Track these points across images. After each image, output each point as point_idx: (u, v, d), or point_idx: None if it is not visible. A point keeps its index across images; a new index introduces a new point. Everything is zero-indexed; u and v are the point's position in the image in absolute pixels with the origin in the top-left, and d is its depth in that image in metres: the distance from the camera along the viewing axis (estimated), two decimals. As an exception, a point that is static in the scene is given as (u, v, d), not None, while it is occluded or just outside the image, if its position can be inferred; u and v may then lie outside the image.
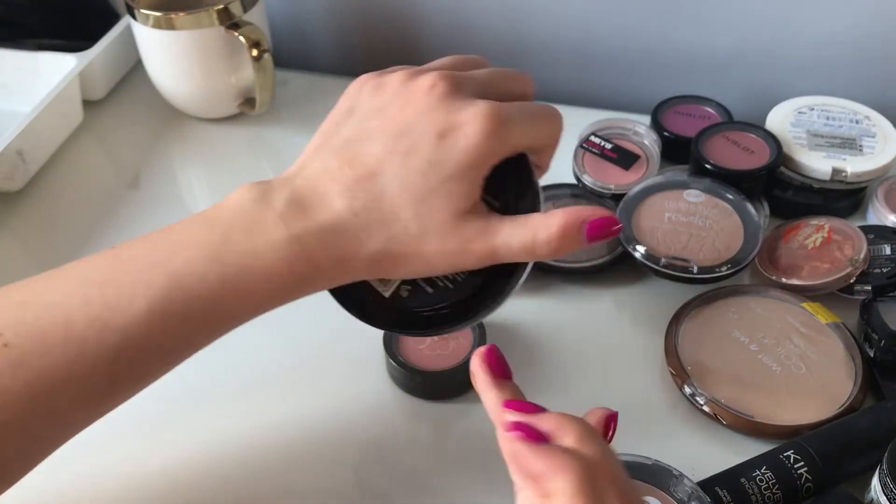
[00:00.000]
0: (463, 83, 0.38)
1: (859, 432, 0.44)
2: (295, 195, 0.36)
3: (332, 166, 0.36)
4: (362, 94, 0.39)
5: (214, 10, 0.63)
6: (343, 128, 0.38)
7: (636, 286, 0.56)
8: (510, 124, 0.36)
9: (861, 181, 0.58)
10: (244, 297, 0.35)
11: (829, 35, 0.67)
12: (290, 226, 0.35)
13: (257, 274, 0.35)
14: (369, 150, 0.36)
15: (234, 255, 0.35)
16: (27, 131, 0.62)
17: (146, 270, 0.35)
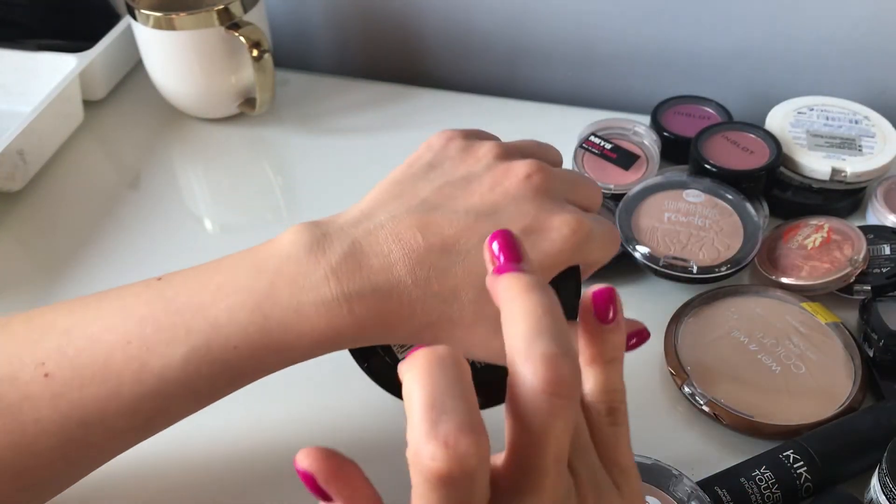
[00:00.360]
0: (556, 181, 0.37)
1: (859, 432, 0.44)
2: (353, 249, 0.34)
3: (402, 227, 0.34)
4: (447, 151, 0.38)
5: (214, 11, 0.63)
6: (422, 184, 0.36)
7: (636, 286, 0.56)
8: (590, 241, 0.35)
9: (860, 181, 0.58)
10: (282, 351, 0.34)
11: (829, 35, 0.67)
12: (342, 283, 0.33)
13: (298, 330, 0.33)
14: (448, 222, 0.34)
15: (278, 308, 0.33)
16: (27, 131, 0.62)
17: (188, 313, 0.34)
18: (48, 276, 0.58)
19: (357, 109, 0.72)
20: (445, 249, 0.34)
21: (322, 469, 0.24)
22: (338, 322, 0.33)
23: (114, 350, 0.34)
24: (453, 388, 0.23)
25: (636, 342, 0.36)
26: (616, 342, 0.28)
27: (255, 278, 0.34)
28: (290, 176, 0.68)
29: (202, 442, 0.47)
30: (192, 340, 0.34)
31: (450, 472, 0.22)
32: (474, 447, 0.22)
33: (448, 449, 0.22)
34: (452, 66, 0.78)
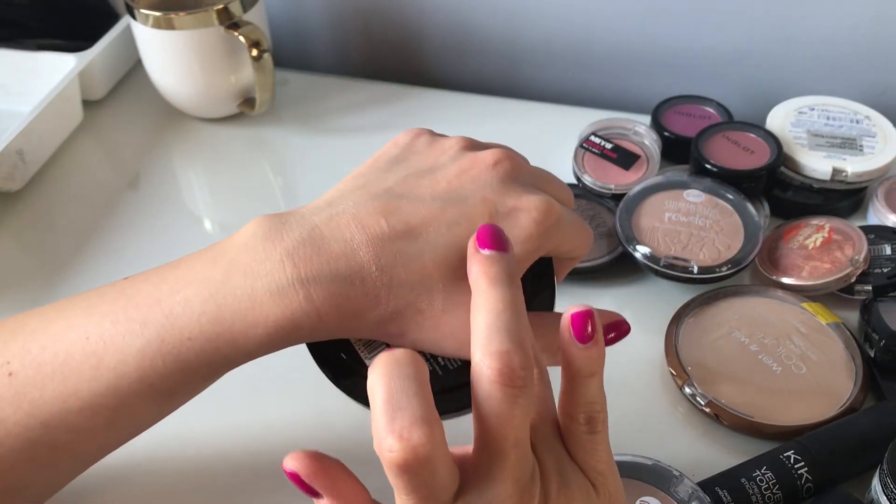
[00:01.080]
0: (523, 169, 0.36)
1: (860, 432, 0.44)
2: (312, 234, 0.33)
3: (365, 213, 0.33)
4: (415, 145, 0.37)
5: (214, 10, 0.63)
6: (387, 175, 0.35)
7: (636, 286, 0.55)
8: (560, 225, 0.35)
9: (861, 181, 0.57)
10: (237, 341, 0.33)
11: (830, 35, 0.67)
12: (299, 268, 0.32)
13: (252, 318, 0.32)
14: (413, 209, 0.33)
15: (232, 297, 0.32)
16: (27, 131, 0.62)
17: (144, 307, 0.33)
18: (48, 276, 0.58)
19: (357, 109, 0.72)
20: (412, 235, 0.33)
21: (305, 467, 0.27)
22: (294, 309, 0.32)
23: (73, 347, 0.34)
24: (408, 387, 0.25)
25: (615, 336, 0.36)
26: (595, 357, 0.29)
27: (211, 269, 0.33)
28: (290, 176, 0.68)
29: (197, 443, 0.47)
30: (147, 333, 0.33)
31: (405, 461, 0.24)
32: (426, 437, 0.24)
33: (402, 441, 0.24)
34: (452, 66, 0.78)
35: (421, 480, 0.25)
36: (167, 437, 0.47)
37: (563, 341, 0.29)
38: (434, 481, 0.25)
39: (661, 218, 0.55)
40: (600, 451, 0.30)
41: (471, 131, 0.70)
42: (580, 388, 0.29)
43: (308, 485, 0.27)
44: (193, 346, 0.33)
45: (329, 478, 0.27)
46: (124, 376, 0.33)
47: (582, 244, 0.38)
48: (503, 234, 0.30)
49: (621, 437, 0.46)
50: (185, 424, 0.49)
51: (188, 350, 0.33)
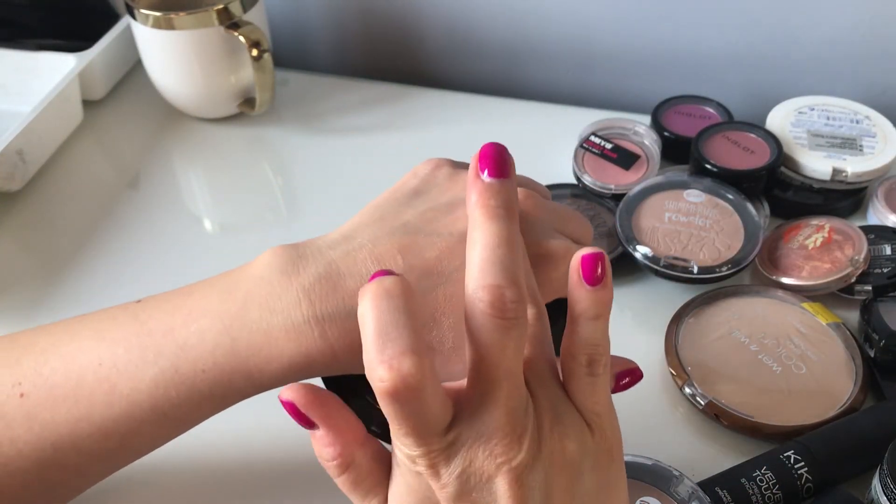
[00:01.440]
0: (545, 211, 0.36)
1: (860, 432, 0.44)
2: (329, 269, 0.33)
3: (382, 248, 0.33)
4: (435, 178, 0.36)
5: (214, 10, 0.63)
6: (405, 210, 0.35)
7: (636, 286, 0.55)
8: None
9: (861, 181, 0.57)
10: (252, 375, 0.33)
11: (830, 35, 0.67)
12: (315, 305, 0.32)
13: (267, 354, 0.32)
14: (429, 244, 0.33)
15: (247, 331, 0.33)
16: (27, 131, 0.62)
17: (158, 335, 0.34)
18: (48, 276, 0.58)
19: (357, 109, 0.72)
20: (426, 272, 0.33)
21: (300, 396, 0.28)
22: (308, 346, 0.32)
23: (85, 371, 0.34)
24: (398, 318, 0.25)
25: (629, 382, 0.35)
26: (603, 300, 0.29)
27: (226, 301, 0.33)
28: (290, 176, 0.68)
29: (198, 444, 0.47)
30: (161, 363, 0.33)
31: (395, 389, 0.25)
32: (416, 366, 0.25)
33: (392, 370, 0.24)
34: (452, 66, 0.78)
35: (412, 409, 0.25)
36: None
37: (571, 282, 0.29)
38: (425, 410, 0.26)
39: (661, 218, 0.55)
40: (599, 394, 0.30)
41: (471, 131, 0.70)
42: (584, 330, 0.29)
43: (303, 414, 0.28)
44: (207, 378, 0.33)
45: (324, 408, 0.28)
46: (137, 404, 0.33)
47: None
48: (507, 156, 0.30)
49: (621, 436, 0.46)
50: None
51: (202, 382, 0.33)
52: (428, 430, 0.26)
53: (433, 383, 0.25)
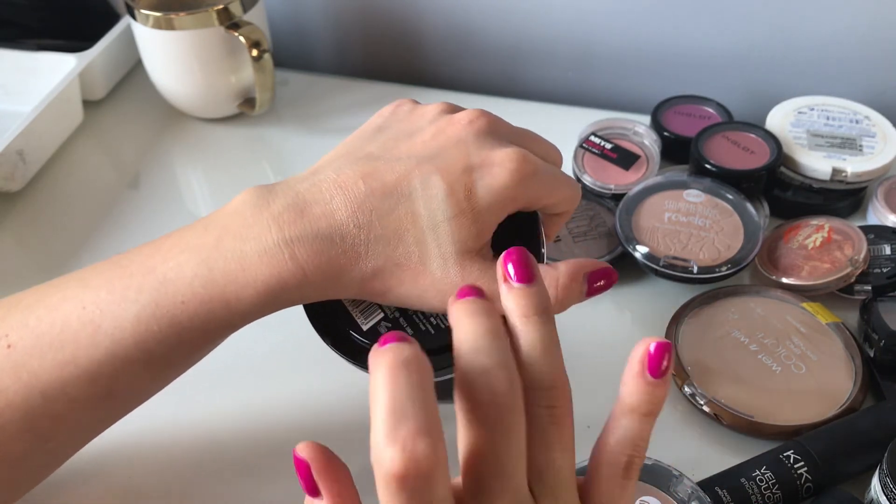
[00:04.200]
0: (501, 126, 0.37)
1: (859, 432, 0.44)
2: (297, 199, 0.35)
3: (346, 177, 0.35)
4: (396, 114, 0.39)
5: (214, 11, 0.63)
6: (369, 143, 0.37)
7: (636, 286, 0.56)
8: (538, 176, 0.35)
9: (861, 181, 0.58)
10: (230, 303, 0.34)
11: (829, 35, 0.67)
12: (284, 230, 0.34)
13: (243, 279, 0.34)
14: (389, 168, 0.35)
15: (223, 259, 0.34)
16: (27, 131, 0.62)
17: (139, 276, 0.35)
18: (48, 276, 0.57)
19: (357, 109, 0.72)
20: (386, 193, 0.34)
21: (317, 459, 0.26)
22: (280, 269, 0.34)
23: (69, 316, 0.35)
24: (415, 394, 0.23)
25: (604, 284, 0.36)
26: (660, 396, 0.28)
27: (202, 236, 0.35)
28: (289, 175, 0.67)
29: (195, 445, 0.47)
30: (143, 299, 0.34)
31: (406, 473, 0.23)
32: (430, 449, 0.23)
33: (405, 452, 0.22)
34: (452, 65, 0.78)
35: (419, 498, 0.23)
36: (161, 421, 0.48)
37: (630, 371, 0.28)
38: (432, 500, 0.24)
39: (660, 218, 0.55)
40: (627, 499, 0.28)
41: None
42: (633, 427, 0.28)
43: (313, 479, 0.26)
44: (187, 308, 0.34)
45: (337, 482, 0.26)
46: (121, 342, 0.34)
47: (566, 197, 0.38)
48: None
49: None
50: (178, 409, 0.49)
51: (182, 313, 0.34)
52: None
53: (444, 470, 0.24)
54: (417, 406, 0.23)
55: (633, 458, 0.28)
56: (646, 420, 0.28)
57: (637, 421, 0.28)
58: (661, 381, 0.27)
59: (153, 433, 0.47)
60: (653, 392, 0.27)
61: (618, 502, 0.28)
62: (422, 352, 0.25)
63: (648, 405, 0.28)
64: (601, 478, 0.28)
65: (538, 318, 0.27)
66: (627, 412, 0.28)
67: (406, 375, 0.24)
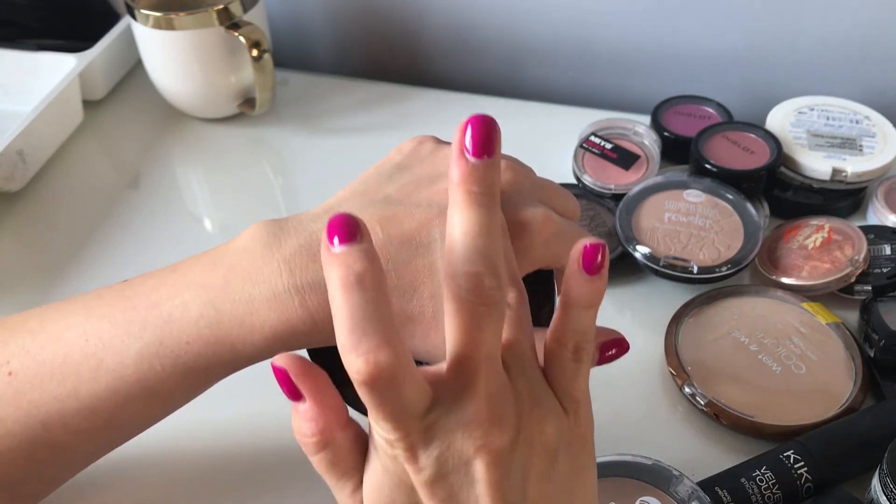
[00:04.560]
0: (528, 181, 0.36)
1: (859, 432, 0.44)
2: (310, 240, 0.33)
3: (363, 220, 0.34)
4: (418, 153, 0.37)
5: (214, 11, 0.63)
6: (388, 184, 0.35)
7: (636, 286, 0.56)
8: (559, 237, 0.35)
9: (861, 181, 0.58)
10: (235, 346, 0.33)
11: (830, 35, 0.67)
12: (295, 275, 0.32)
13: (250, 324, 0.33)
14: (409, 215, 0.33)
15: (230, 302, 0.33)
16: (27, 131, 0.62)
17: (143, 310, 0.34)
18: (48, 276, 0.58)
19: (357, 109, 0.72)
20: (405, 242, 0.33)
21: (293, 366, 0.27)
22: (290, 315, 0.32)
23: (72, 348, 0.34)
24: (370, 312, 0.25)
25: (616, 353, 0.35)
26: (598, 290, 0.29)
27: (210, 274, 0.34)
28: (290, 176, 0.68)
29: (195, 446, 0.47)
30: (146, 336, 0.33)
31: (372, 379, 0.25)
32: (391, 357, 0.25)
33: (368, 364, 0.25)
34: (452, 65, 0.78)
35: (388, 397, 0.25)
36: (160, 432, 0.47)
37: (569, 270, 0.29)
38: (402, 397, 0.25)
39: (660, 218, 0.55)
40: (580, 380, 0.30)
41: (471, 131, 0.69)
42: (576, 317, 0.29)
43: (293, 384, 0.27)
44: (191, 349, 0.33)
45: (315, 382, 0.27)
46: (123, 378, 0.33)
47: None
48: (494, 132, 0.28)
49: (621, 436, 0.46)
50: (176, 420, 0.49)
51: (186, 354, 0.33)
52: (405, 414, 0.26)
53: (409, 370, 0.26)
54: (376, 322, 0.25)
55: (580, 343, 0.29)
56: (588, 312, 0.29)
57: (580, 313, 0.29)
58: (598, 277, 0.29)
59: (152, 443, 0.47)
60: (591, 287, 0.29)
61: (572, 382, 0.30)
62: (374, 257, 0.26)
63: (588, 299, 0.29)
64: (554, 360, 0.30)
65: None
66: (571, 306, 0.29)
67: (360, 293, 0.25)
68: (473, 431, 0.27)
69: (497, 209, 0.28)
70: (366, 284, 0.25)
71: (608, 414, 0.48)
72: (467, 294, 0.27)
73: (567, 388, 0.30)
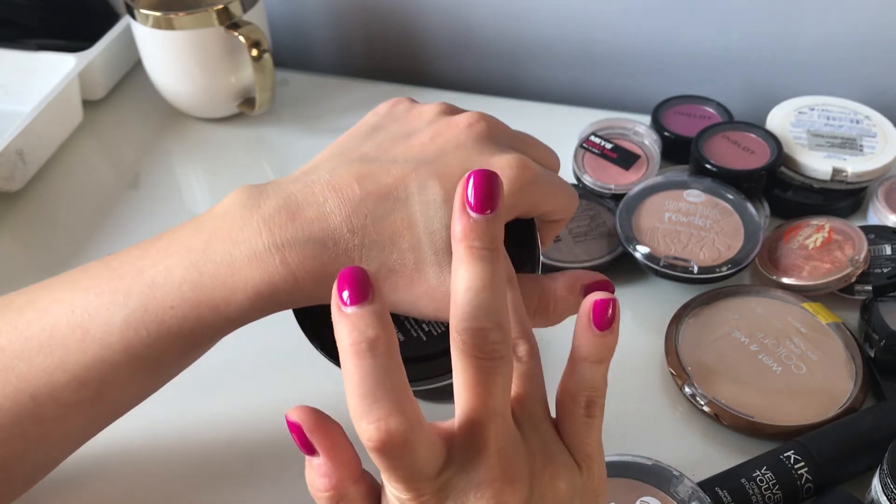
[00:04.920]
0: (500, 131, 0.36)
1: (860, 432, 0.44)
2: (288, 200, 0.34)
3: (340, 178, 0.34)
4: (393, 113, 0.38)
5: (214, 10, 0.63)
6: (364, 143, 0.36)
7: (636, 286, 0.55)
8: (537, 184, 0.35)
9: (861, 181, 0.57)
10: (219, 307, 0.33)
11: (830, 35, 0.67)
12: (275, 233, 0.33)
13: (232, 284, 0.33)
14: (385, 171, 0.34)
15: (212, 263, 0.33)
16: (27, 131, 0.62)
17: (127, 278, 0.34)
18: (47, 276, 0.58)
19: (357, 109, 0.72)
20: (382, 197, 0.33)
21: (308, 420, 0.27)
22: (271, 273, 0.33)
23: (59, 320, 0.34)
24: (383, 378, 0.25)
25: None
26: (609, 345, 0.30)
27: (192, 238, 0.34)
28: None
29: (193, 446, 0.47)
30: (131, 303, 0.33)
31: (384, 446, 0.25)
32: (403, 424, 0.25)
33: (380, 431, 0.25)
34: (453, 65, 0.78)
35: (401, 462, 0.25)
36: (152, 425, 0.48)
37: (579, 325, 0.30)
38: (414, 460, 0.26)
39: (661, 218, 0.55)
40: (593, 435, 0.30)
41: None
42: (587, 373, 0.30)
43: (307, 439, 0.27)
44: (176, 314, 0.33)
45: (329, 437, 0.27)
46: (109, 347, 0.34)
47: (564, 205, 0.37)
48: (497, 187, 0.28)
49: (621, 437, 0.46)
50: (168, 413, 0.49)
51: (171, 318, 0.33)
52: (418, 475, 0.26)
53: (421, 433, 0.26)
54: (387, 388, 0.25)
55: (591, 398, 0.30)
56: (599, 367, 0.30)
57: (590, 369, 0.30)
58: (609, 332, 0.29)
59: (146, 436, 0.47)
60: (602, 343, 0.29)
61: (585, 438, 0.30)
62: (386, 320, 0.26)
63: (598, 354, 0.30)
64: (566, 415, 0.30)
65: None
66: (581, 361, 0.30)
67: (372, 359, 0.25)
68: (486, 491, 0.27)
69: (500, 262, 0.28)
70: (378, 351, 0.25)
71: (608, 414, 0.48)
72: (473, 350, 0.27)
73: (580, 444, 0.30)
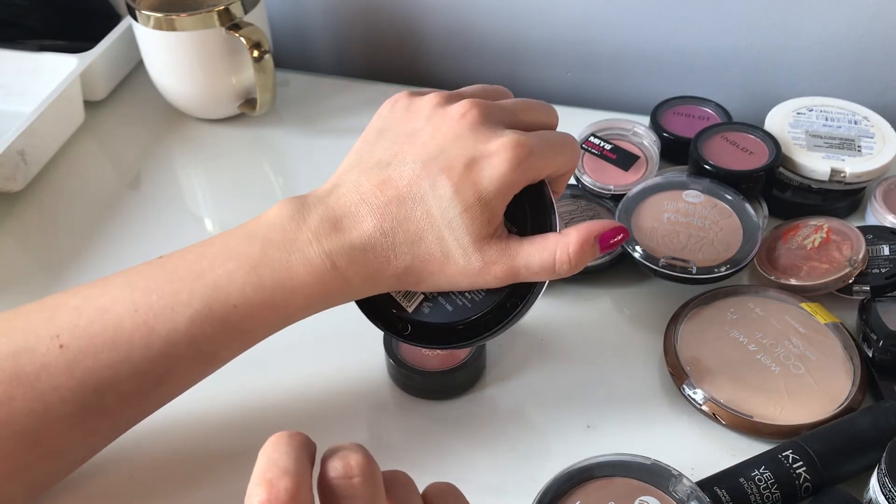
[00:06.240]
0: (492, 112, 0.40)
1: (858, 432, 0.44)
2: (328, 212, 0.39)
3: (365, 189, 0.39)
4: (394, 114, 0.41)
5: (215, 12, 0.63)
6: (376, 149, 0.40)
7: (635, 286, 0.56)
8: (535, 155, 0.38)
9: (860, 182, 0.58)
10: (279, 307, 0.38)
11: (828, 36, 0.67)
12: (322, 242, 0.38)
13: (291, 287, 0.38)
14: (399, 174, 0.38)
15: (271, 269, 0.38)
16: (28, 132, 0.62)
17: (188, 280, 0.38)
18: (48, 276, 0.58)
19: (357, 109, 0.72)
20: (401, 199, 0.38)
21: None
22: (324, 277, 0.38)
23: (122, 318, 0.37)
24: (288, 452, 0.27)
25: (622, 238, 0.41)
26: None
27: (247, 245, 0.38)
28: (291, 176, 0.68)
29: (196, 443, 0.47)
30: (195, 303, 0.37)
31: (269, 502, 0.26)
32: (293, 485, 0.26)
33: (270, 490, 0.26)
34: (452, 66, 0.78)
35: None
36: (162, 417, 0.48)
37: None
38: None
39: (660, 218, 0.56)
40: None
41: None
42: None
43: None
44: (238, 312, 0.38)
45: None
46: (175, 343, 0.37)
47: (565, 162, 0.41)
48: None
49: (621, 436, 0.46)
50: (179, 404, 0.49)
51: (234, 315, 0.38)
52: None
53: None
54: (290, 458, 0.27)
55: None
56: None
57: None
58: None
59: (155, 428, 0.48)
60: None
61: None
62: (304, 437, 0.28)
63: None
64: None
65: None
66: None
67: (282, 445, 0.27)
68: None
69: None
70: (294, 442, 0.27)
71: (607, 414, 0.48)
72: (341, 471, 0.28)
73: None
